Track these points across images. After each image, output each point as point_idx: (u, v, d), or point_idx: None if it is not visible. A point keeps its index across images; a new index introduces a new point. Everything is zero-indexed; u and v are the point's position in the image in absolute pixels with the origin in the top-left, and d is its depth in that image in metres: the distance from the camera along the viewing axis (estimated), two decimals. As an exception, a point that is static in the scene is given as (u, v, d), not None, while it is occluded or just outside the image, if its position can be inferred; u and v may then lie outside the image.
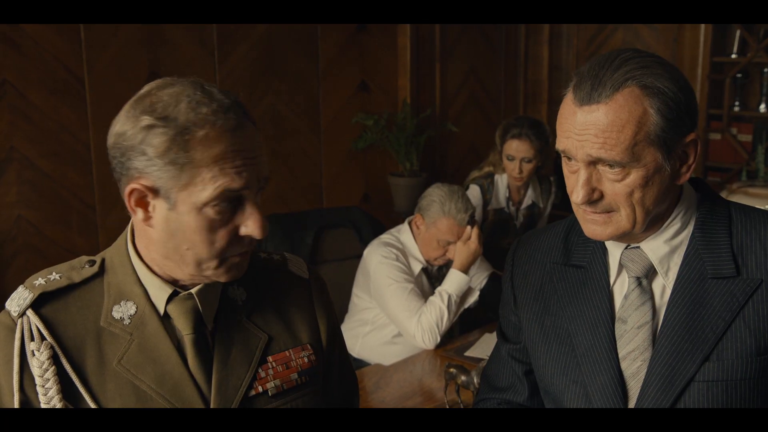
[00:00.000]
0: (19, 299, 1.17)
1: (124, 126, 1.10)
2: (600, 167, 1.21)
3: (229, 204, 1.12)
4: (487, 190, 3.44)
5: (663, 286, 1.29)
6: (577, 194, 1.22)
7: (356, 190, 4.27)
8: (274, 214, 3.09)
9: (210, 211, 1.11)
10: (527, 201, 3.53)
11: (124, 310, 1.18)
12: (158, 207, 1.12)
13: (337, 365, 1.40)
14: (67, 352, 1.14)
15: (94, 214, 3.29)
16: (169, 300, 1.19)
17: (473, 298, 2.79)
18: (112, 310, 1.18)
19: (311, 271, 1.39)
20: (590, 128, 1.18)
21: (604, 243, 1.34)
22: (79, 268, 1.20)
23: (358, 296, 2.93)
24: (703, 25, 4.23)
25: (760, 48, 4.09)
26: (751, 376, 1.22)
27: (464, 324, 2.81)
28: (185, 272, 1.17)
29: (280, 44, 3.78)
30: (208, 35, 3.52)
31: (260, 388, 1.23)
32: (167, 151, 1.07)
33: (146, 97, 1.11)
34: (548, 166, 4.50)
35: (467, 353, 2.61)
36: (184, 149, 1.07)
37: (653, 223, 1.27)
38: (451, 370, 2.16)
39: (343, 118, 4.12)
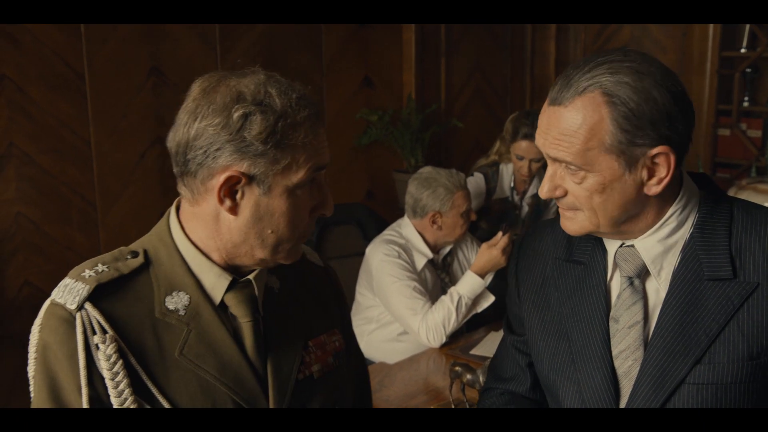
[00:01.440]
0: (73, 291, 1.13)
1: (208, 120, 1.10)
2: (564, 166, 1.22)
3: (312, 184, 1.18)
4: (491, 178, 3.42)
5: (657, 286, 1.28)
6: (541, 188, 1.27)
7: (360, 186, 4.23)
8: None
9: (300, 193, 1.16)
10: (532, 190, 3.50)
11: (177, 301, 1.18)
12: (248, 193, 1.13)
13: (354, 350, 1.45)
14: (128, 344, 1.13)
15: (95, 210, 3.26)
16: (228, 288, 1.19)
17: (487, 302, 2.76)
18: (165, 301, 1.17)
19: (323, 260, 1.44)
20: (552, 129, 1.20)
21: (602, 240, 1.34)
22: (123, 260, 1.19)
23: (362, 294, 2.91)
24: (712, 19, 4.18)
25: (770, 42, 4.04)
26: (742, 380, 1.21)
27: (470, 322, 2.79)
28: (255, 257, 1.18)
29: (282, 40, 3.75)
30: (209, 30, 3.48)
31: (306, 372, 1.26)
32: (270, 136, 1.10)
33: (215, 92, 1.12)
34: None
35: (473, 351, 2.60)
36: (285, 133, 1.11)
37: (646, 222, 1.26)
38: (457, 368, 2.14)
39: (347, 113, 4.08)
